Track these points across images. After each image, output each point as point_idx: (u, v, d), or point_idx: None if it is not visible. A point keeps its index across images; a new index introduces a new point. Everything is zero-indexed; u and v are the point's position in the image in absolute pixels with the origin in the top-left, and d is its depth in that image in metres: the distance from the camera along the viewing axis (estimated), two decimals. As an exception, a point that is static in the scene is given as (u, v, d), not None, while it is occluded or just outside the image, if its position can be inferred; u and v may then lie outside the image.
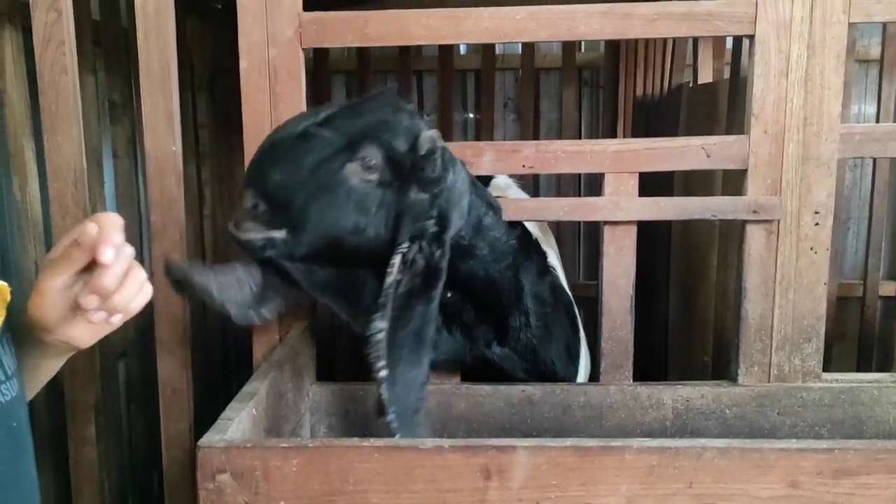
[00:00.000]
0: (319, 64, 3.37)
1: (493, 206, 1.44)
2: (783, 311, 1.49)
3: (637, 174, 1.49)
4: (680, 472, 0.99)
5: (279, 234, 1.20)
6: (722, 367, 1.92)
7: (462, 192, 1.30)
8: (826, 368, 1.52)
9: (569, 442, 1.00)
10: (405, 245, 1.21)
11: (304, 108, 1.49)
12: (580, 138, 3.53)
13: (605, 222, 1.51)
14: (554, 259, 1.71)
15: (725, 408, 1.51)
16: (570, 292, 1.74)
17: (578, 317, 1.73)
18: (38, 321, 0.92)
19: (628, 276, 1.52)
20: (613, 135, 3.30)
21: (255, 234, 1.21)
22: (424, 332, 1.20)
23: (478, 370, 1.55)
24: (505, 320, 1.49)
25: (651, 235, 2.55)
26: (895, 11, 1.42)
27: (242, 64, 1.46)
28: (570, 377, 1.64)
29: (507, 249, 1.46)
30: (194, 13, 2.82)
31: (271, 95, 1.47)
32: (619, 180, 1.49)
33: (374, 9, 1.48)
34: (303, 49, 1.47)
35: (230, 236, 1.24)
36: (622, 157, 1.48)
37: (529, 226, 1.67)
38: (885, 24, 3.01)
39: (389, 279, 1.19)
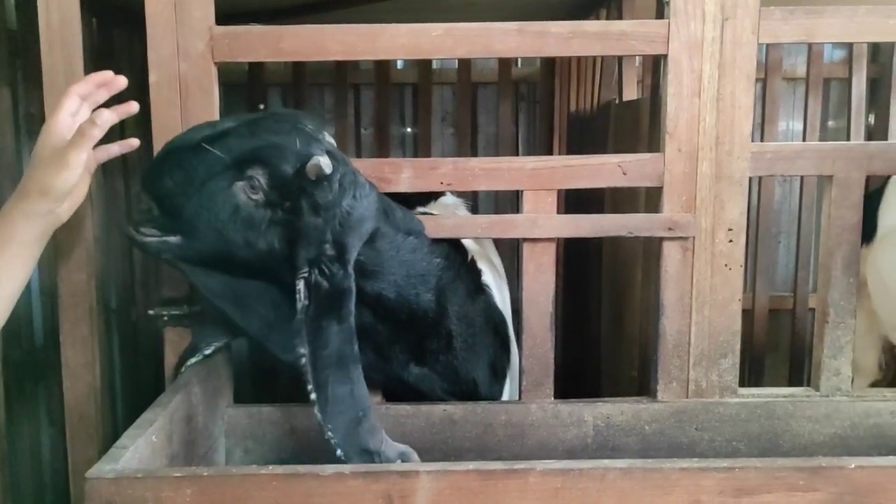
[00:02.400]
0: (254, 76, 3.33)
1: (413, 230, 1.42)
2: (699, 328, 1.51)
3: (555, 192, 1.49)
4: (584, 494, 0.98)
5: (173, 239, 1.25)
6: (647, 381, 1.93)
7: (363, 217, 1.28)
8: (759, 381, 1.55)
9: (471, 466, 0.98)
10: (305, 270, 1.21)
11: (217, 124, 1.45)
12: (517, 152, 3.54)
13: (524, 239, 1.50)
14: (490, 276, 1.70)
15: (645, 424, 1.51)
16: (506, 309, 1.73)
17: (510, 335, 1.72)
18: (64, 192, 1.16)
19: (548, 293, 1.52)
20: (550, 149, 3.33)
21: (150, 237, 1.26)
22: (346, 349, 1.20)
23: (395, 388, 1.52)
24: (422, 342, 1.47)
25: (582, 251, 2.57)
26: (801, 33, 1.45)
27: (152, 77, 1.42)
28: (495, 396, 1.63)
29: (430, 271, 1.45)
30: (121, 24, 2.76)
31: (182, 110, 1.43)
32: (537, 197, 1.49)
33: (293, 23, 1.46)
34: (215, 63, 1.43)
35: (129, 238, 1.27)
36: (540, 174, 1.48)
37: (468, 242, 1.66)
38: (810, 45, 3.11)
39: (299, 305, 1.20)
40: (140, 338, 2.96)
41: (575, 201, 1.47)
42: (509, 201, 3.34)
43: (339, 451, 1.15)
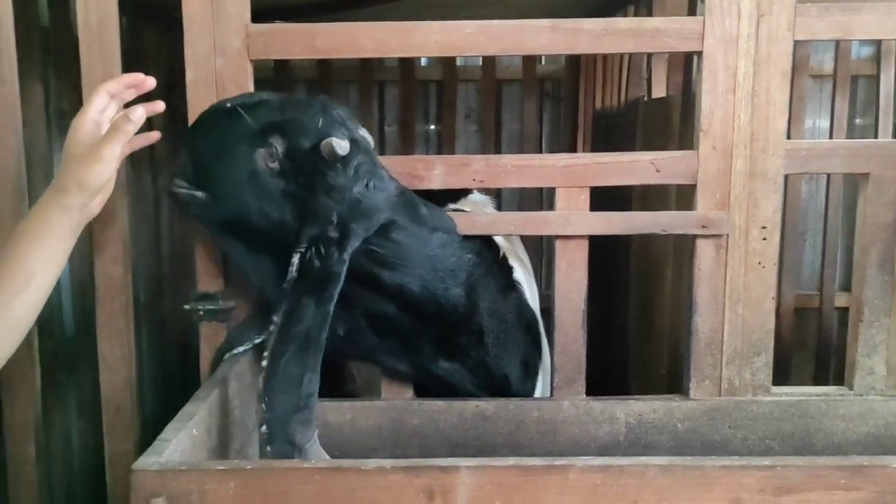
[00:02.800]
0: (281, 73, 3.35)
1: (442, 227, 1.43)
2: (733, 326, 1.50)
3: (587, 189, 1.49)
4: (624, 491, 0.99)
5: (200, 195, 1.31)
6: (677, 379, 1.92)
7: (374, 208, 1.29)
8: (785, 379, 1.54)
9: (512, 461, 0.99)
10: (303, 246, 1.24)
11: (252, 121, 1.47)
12: (541, 150, 3.54)
13: (557, 237, 1.50)
14: (521, 273, 1.70)
15: (677, 422, 1.51)
16: (536, 306, 1.73)
17: (542, 332, 1.72)
18: (98, 186, 1.18)
19: (580, 290, 1.52)
20: (574, 147, 3.32)
21: (182, 189, 1.32)
22: (314, 332, 1.20)
23: (425, 381, 1.53)
24: (451, 337, 1.47)
25: (610, 248, 2.56)
26: (837, 29, 1.44)
27: (189, 75, 1.43)
28: (527, 393, 1.62)
29: (460, 266, 1.45)
30: (151, 23, 2.78)
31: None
32: (569, 195, 1.49)
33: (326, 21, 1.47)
34: (251, 60, 1.44)
35: (165, 189, 1.33)
36: (572, 171, 1.48)
37: (499, 239, 1.67)
38: (837, 41, 3.08)
39: (288, 277, 1.23)
40: (167, 331, 2.99)
41: (600, 199, 1.47)
42: (534, 199, 3.34)
43: (263, 428, 1.13)
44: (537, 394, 1.66)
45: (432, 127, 3.60)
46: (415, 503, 0.98)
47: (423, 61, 3.47)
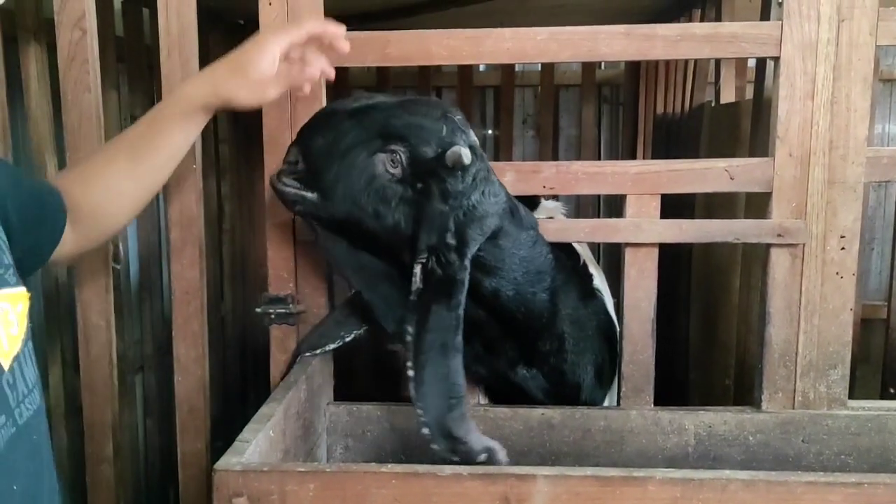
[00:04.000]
0: (339, 80, 3.38)
1: (533, 225, 1.43)
2: (808, 337, 1.47)
3: (659, 196, 1.48)
4: (704, 505, 0.97)
5: (310, 195, 1.29)
6: (744, 391, 1.89)
7: (488, 214, 1.30)
8: (850, 392, 1.49)
9: (589, 471, 0.98)
10: (424, 256, 1.25)
11: (323, 127, 1.49)
12: (599, 156, 3.51)
13: (627, 244, 1.49)
14: (600, 281, 1.69)
15: (749, 434, 1.48)
16: (614, 315, 1.72)
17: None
18: (251, 72, 1.18)
19: (650, 299, 1.50)
20: (633, 153, 3.29)
21: (290, 188, 1.30)
22: (449, 337, 1.24)
23: (499, 387, 1.53)
24: (534, 343, 1.47)
25: (672, 256, 2.52)
26: (923, 34, 1.40)
27: (264, 83, 1.46)
28: (597, 402, 1.61)
29: (545, 269, 1.44)
30: (217, 29, 2.84)
31: (291, 113, 1.47)
32: (640, 202, 1.47)
33: (394, 28, 1.48)
34: (325, 68, 1.46)
35: (271, 184, 1.33)
36: (644, 178, 1.47)
37: (577, 247, 1.67)
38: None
39: (413, 287, 1.25)
40: (228, 333, 3.05)
41: (664, 206, 1.46)
42: (591, 205, 3.31)
43: (425, 430, 1.18)
44: (605, 403, 1.64)
45: (490, 132, 3.60)
46: (491, 510, 0.98)
47: (481, 66, 3.47)
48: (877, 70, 3.07)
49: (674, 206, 2.02)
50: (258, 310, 1.52)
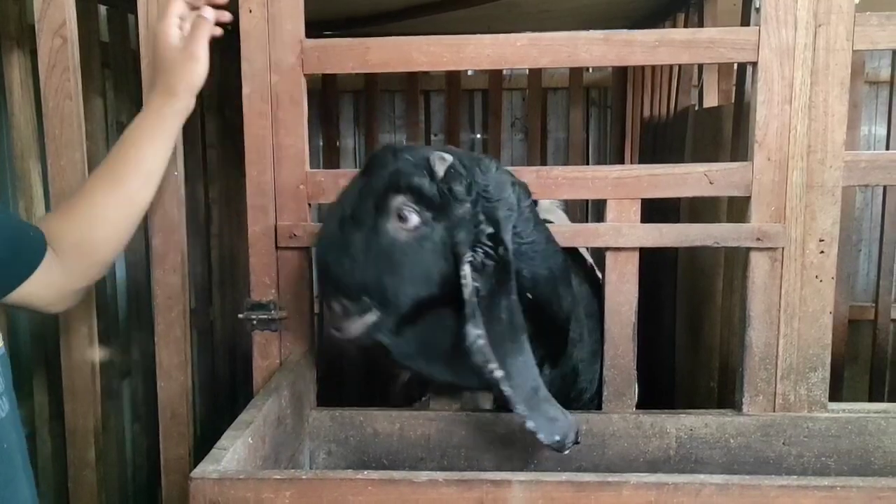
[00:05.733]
0: (328, 84, 3.40)
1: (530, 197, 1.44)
2: (788, 340, 1.47)
3: (639, 200, 1.48)
4: (678, 509, 0.98)
5: (373, 318, 1.26)
6: (728, 393, 1.90)
7: (502, 184, 1.31)
8: (838, 393, 1.51)
9: (564, 476, 0.99)
10: (469, 255, 1.24)
11: (305, 133, 1.50)
12: (587, 158, 3.52)
13: (608, 249, 1.49)
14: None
15: (730, 437, 1.48)
16: None
17: None
18: (200, 85, 1.32)
19: (630, 303, 1.50)
20: (621, 156, 3.30)
21: (354, 329, 1.27)
22: (515, 320, 1.25)
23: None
24: (565, 332, 1.47)
25: (657, 260, 2.54)
26: (900, 39, 1.41)
27: (245, 89, 1.47)
28: (600, 406, 1.60)
29: (559, 250, 1.45)
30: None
31: (273, 120, 1.48)
32: (621, 206, 1.48)
33: (376, 34, 1.48)
34: (305, 75, 1.47)
35: (337, 339, 1.30)
36: (624, 183, 1.47)
37: (583, 251, 1.68)
38: None
39: (467, 290, 1.22)
40: (216, 338, 3.05)
41: (648, 209, 1.46)
42: (579, 208, 3.32)
43: (529, 423, 1.20)
44: None
45: (478, 136, 3.61)
46: (467, 516, 0.99)
47: (470, 70, 3.48)
48: (862, 72, 3.11)
49: (660, 210, 2.04)
50: (240, 316, 1.52)
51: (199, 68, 1.30)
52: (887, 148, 3.18)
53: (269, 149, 1.48)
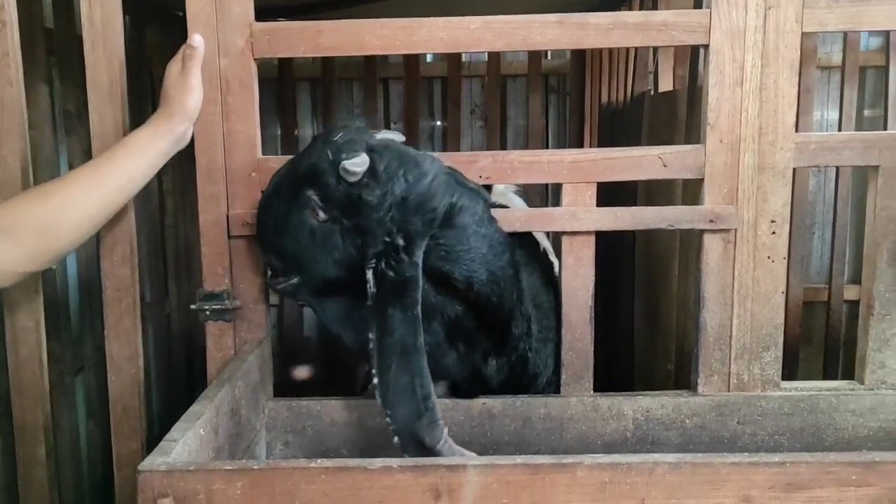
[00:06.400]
0: (284, 71, 3.35)
1: (484, 195, 1.43)
2: (741, 321, 1.49)
3: (595, 184, 1.48)
4: (632, 489, 0.98)
5: (295, 280, 1.36)
6: (685, 374, 1.91)
7: (423, 197, 1.28)
8: (793, 373, 1.53)
9: (519, 459, 0.98)
10: (373, 261, 1.27)
11: (256, 119, 1.47)
12: (547, 145, 3.53)
13: (563, 233, 1.49)
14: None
15: (686, 417, 1.50)
16: None
17: None
18: (197, 110, 1.39)
19: (587, 286, 1.51)
20: (580, 142, 3.31)
21: (282, 284, 1.39)
22: (409, 339, 1.24)
23: (470, 385, 1.52)
24: (508, 326, 1.46)
25: (616, 244, 2.55)
26: (846, 21, 1.42)
27: (193, 75, 1.43)
28: (556, 390, 1.61)
29: (504, 241, 1.43)
30: (153, 22, 2.78)
31: (223, 106, 1.45)
32: (576, 190, 1.48)
33: (330, 18, 1.46)
34: (255, 59, 1.44)
35: (271, 287, 1.44)
36: (579, 167, 1.47)
37: (537, 235, 1.67)
38: (846, 33, 3.05)
39: (369, 294, 1.26)
40: (174, 330, 3.00)
41: (606, 194, 1.47)
42: (538, 194, 3.33)
43: (396, 439, 1.21)
44: None
45: (438, 123, 3.59)
46: (422, 502, 0.98)
47: (428, 57, 3.46)
48: (815, 57, 3.16)
49: (618, 195, 2.05)
50: (193, 307, 1.49)
51: (193, 98, 1.37)
52: (839, 131, 3.25)
53: (220, 135, 1.45)
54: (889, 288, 1.49)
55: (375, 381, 1.22)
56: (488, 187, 1.84)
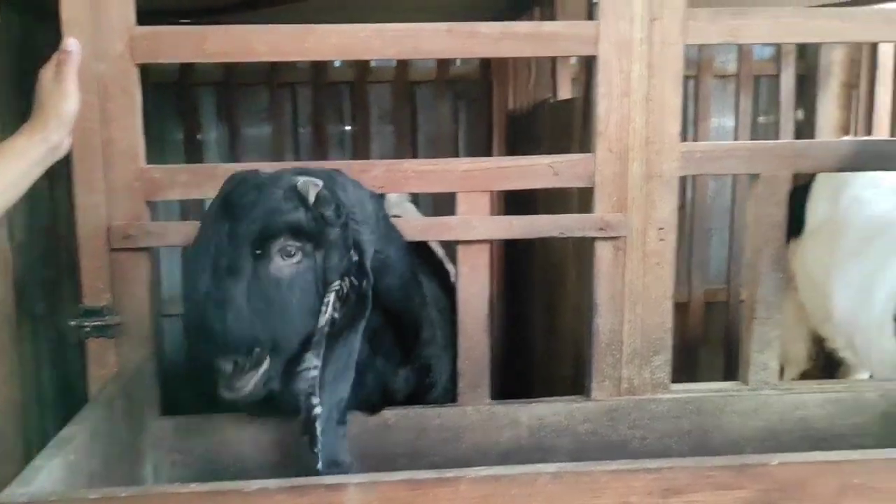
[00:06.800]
0: (185, 75, 3.25)
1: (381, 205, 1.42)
2: (632, 326, 1.52)
3: (489, 193, 1.49)
4: (514, 500, 0.98)
5: (265, 364, 1.21)
6: (581, 380, 1.94)
7: (362, 201, 1.29)
8: (695, 374, 1.56)
9: (401, 476, 0.97)
10: (336, 283, 1.22)
11: (139, 126, 1.41)
12: (458, 151, 3.53)
13: (459, 242, 1.49)
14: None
15: (578, 423, 1.52)
16: None
17: None
18: (72, 117, 1.27)
19: (483, 295, 1.51)
20: (489, 148, 3.32)
21: (251, 384, 1.21)
22: (351, 359, 1.24)
23: (380, 401, 1.50)
24: (418, 333, 1.46)
25: (518, 252, 2.57)
26: (727, 34, 1.47)
27: (68, 80, 1.36)
28: (450, 397, 1.60)
29: (405, 246, 1.44)
30: (48, 22, 2.64)
31: (101, 112, 1.39)
32: (470, 199, 1.48)
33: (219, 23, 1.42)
34: (136, 64, 1.38)
35: (229, 400, 1.22)
36: (473, 176, 1.48)
37: (433, 245, 1.66)
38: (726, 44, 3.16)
39: (324, 318, 1.21)
40: (71, 347, 2.86)
41: (514, 202, 1.48)
42: (447, 202, 3.33)
43: (319, 465, 1.17)
44: None
45: (347, 128, 3.54)
46: (302, 523, 0.95)
47: (336, 62, 3.41)
48: (711, 67, 3.27)
49: (522, 205, 2.07)
50: (72, 323, 1.42)
51: (68, 104, 1.28)
52: (735, 138, 3.37)
53: (98, 142, 1.39)
54: (770, 292, 1.55)
55: (318, 410, 1.16)
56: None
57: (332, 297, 1.21)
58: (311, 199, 1.20)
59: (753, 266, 1.55)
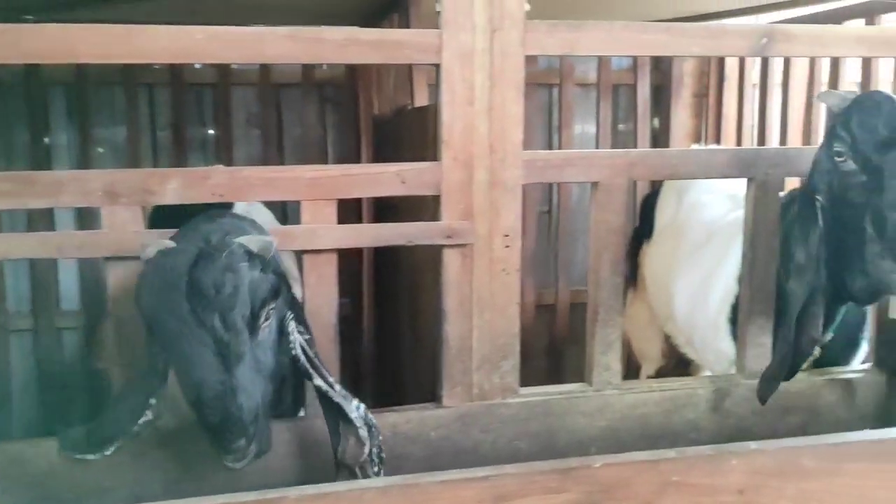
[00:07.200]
0: (32, 74, 3.05)
1: None
2: (481, 332, 1.54)
3: (335, 201, 1.47)
4: (343, 517, 0.96)
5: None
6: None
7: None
8: (561, 376, 1.59)
9: (221, 499, 0.93)
10: (289, 312, 1.32)
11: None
12: (326, 155, 3.48)
13: (305, 251, 1.46)
14: (297, 289, 1.64)
15: (431, 430, 1.52)
16: None
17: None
18: None
19: (330, 305, 1.49)
20: (357, 153, 3.30)
21: (254, 447, 1.25)
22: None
23: None
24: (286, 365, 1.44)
25: (387, 257, 2.56)
26: (565, 46, 1.52)
27: None
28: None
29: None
30: None
31: None
32: (315, 207, 1.46)
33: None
34: (-57, 64, 1.28)
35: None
36: (319, 183, 1.45)
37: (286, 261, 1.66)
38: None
39: (297, 346, 1.33)
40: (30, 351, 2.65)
41: (384, 209, 1.48)
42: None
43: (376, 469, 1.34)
44: None
45: (210, 131, 3.42)
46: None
47: (197, 63, 3.29)
48: (572, 75, 3.37)
49: (392, 209, 2.04)
50: None
51: None
52: (597, 145, 3.49)
53: None
54: (611, 295, 1.60)
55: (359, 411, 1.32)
56: (230, 204, 1.78)
57: (292, 326, 1.31)
58: (267, 255, 1.26)
59: (595, 271, 1.61)
